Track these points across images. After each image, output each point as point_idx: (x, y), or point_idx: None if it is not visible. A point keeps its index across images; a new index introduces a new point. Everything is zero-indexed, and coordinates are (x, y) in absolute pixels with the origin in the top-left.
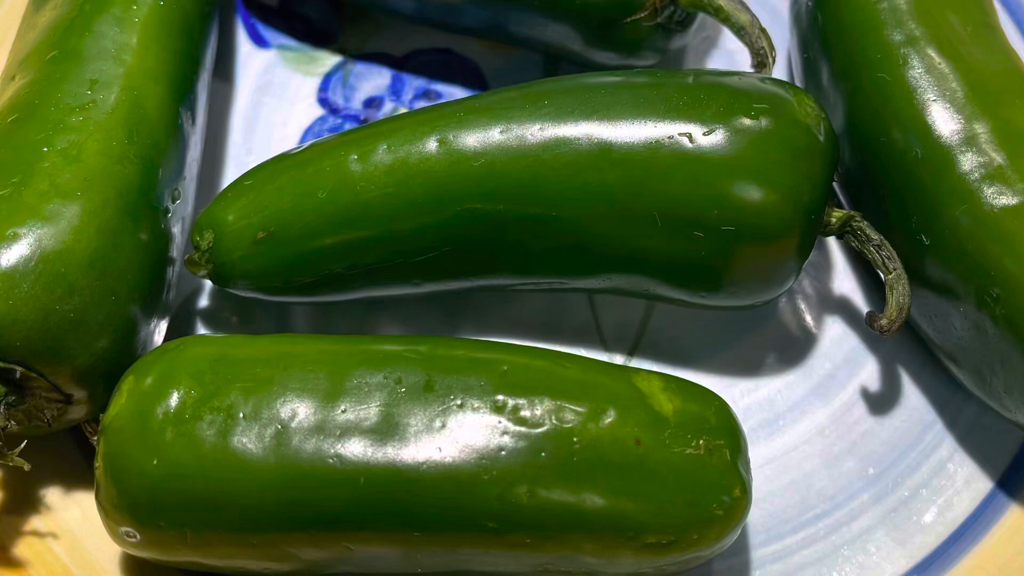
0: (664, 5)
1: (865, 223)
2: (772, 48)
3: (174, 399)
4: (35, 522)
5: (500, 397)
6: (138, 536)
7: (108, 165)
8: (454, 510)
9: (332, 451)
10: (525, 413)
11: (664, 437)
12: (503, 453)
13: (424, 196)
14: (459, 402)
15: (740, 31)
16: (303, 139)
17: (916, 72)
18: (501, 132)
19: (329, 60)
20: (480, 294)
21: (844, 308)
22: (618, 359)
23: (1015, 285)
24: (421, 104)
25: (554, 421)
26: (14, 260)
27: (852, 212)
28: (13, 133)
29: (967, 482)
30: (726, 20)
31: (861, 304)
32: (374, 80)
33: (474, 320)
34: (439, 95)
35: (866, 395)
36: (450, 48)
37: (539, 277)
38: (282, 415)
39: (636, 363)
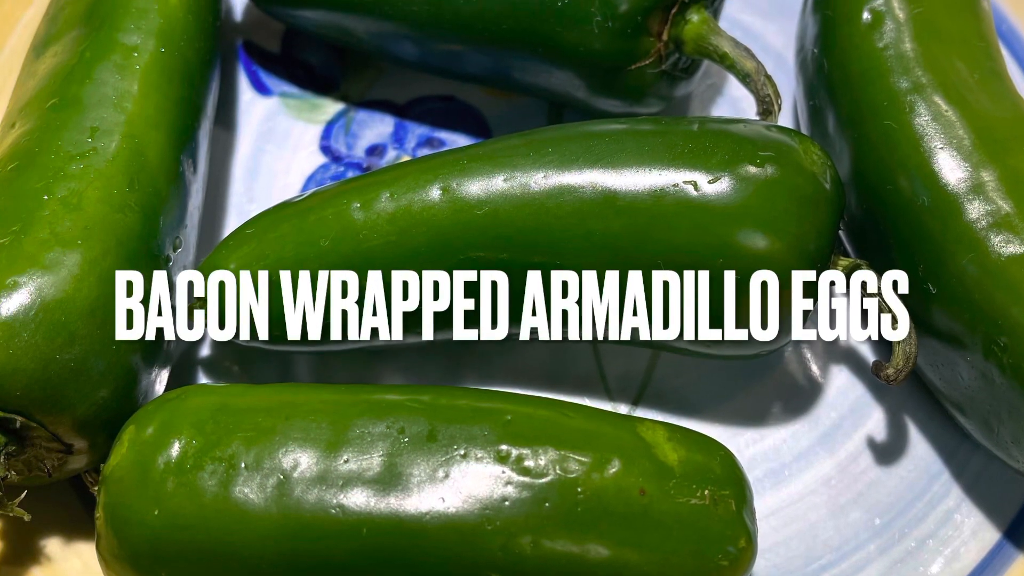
0: (669, 52)
1: (871, 272)
2: (778, 95)
3: (175, 449)
4: (35, 573)
5: (504, 447)
6: None
7: (109, 213)
8: (457, 561)
9: (334, 501)
10: (529, 463)
11: (669, 487)
12: (507, 503)
13: (427, 244)
14: (462, 452)
15: (745, 78)
16: (305, 187)
17: (923, 119)
18: (505, 180)
19: (331, 107)
20: (483, 343)
21: (850, 357)
22: (623, 409)
23: (1023, 334)
24: (424, 152)
25: (558, 471)
26: (14, 309)
27: (858, 260)
28: (13, 181)
29: (974, 532)
30: (731, 67)
31: (867, 353)
32: (377, 128)
33: (477, 369)
34: (442, 143)
35: (872, 445)
36: (453, 95)
37: None
38: (284, 465)
39: (641, 413)
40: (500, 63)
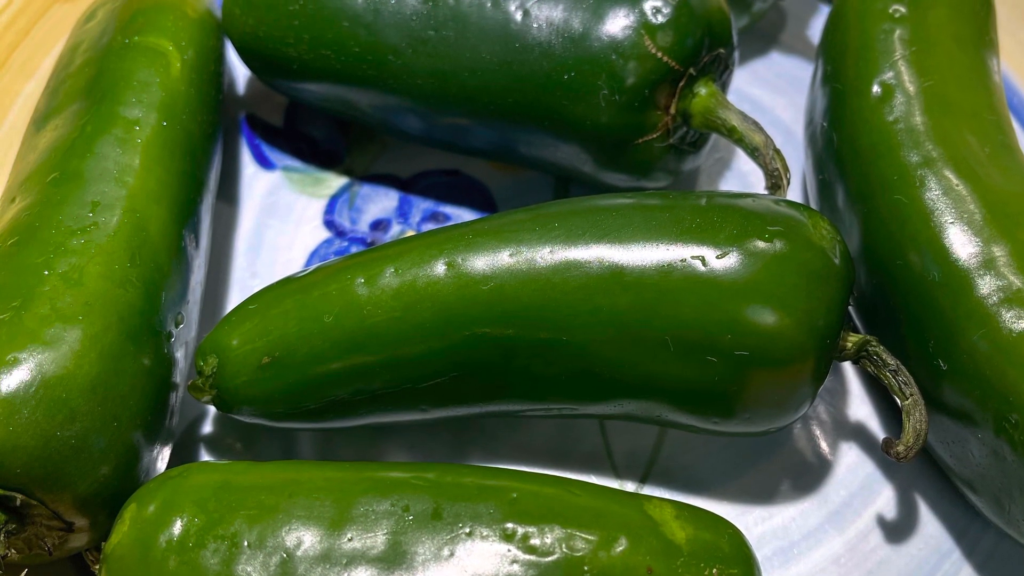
0: (676, 126)
1: (881, 348)
2: (786, 169)
3: (177, 527)
4: None
5: (509, 525)
6: None
7: (110, 289)
8: None
9: None
10: (535, 541)
11: (677, 566)
12: None
13: (432, 320)
14: (468, 530)
15: (754, 152)
16: (309, 262)
17: (933, 194)
18: (510, 255)
19: (335, 182)
20: (489, 420)
21: (860, 434)
22: (630, 486)
23: None
24: (429, 226)
25: (564, 549)
26: (14, 386)
27: (868, 336)
28: (13, 256)
29: None
30: (740, 141)
31: (877, 430)
32: (381, 202)
33: (483, 446)
34: (447, 217)
35: (882, 523)
36: (458, 169)
37: (549, 403)
38: (287, 543)
39: (648, 490)
40: (506, 137)
